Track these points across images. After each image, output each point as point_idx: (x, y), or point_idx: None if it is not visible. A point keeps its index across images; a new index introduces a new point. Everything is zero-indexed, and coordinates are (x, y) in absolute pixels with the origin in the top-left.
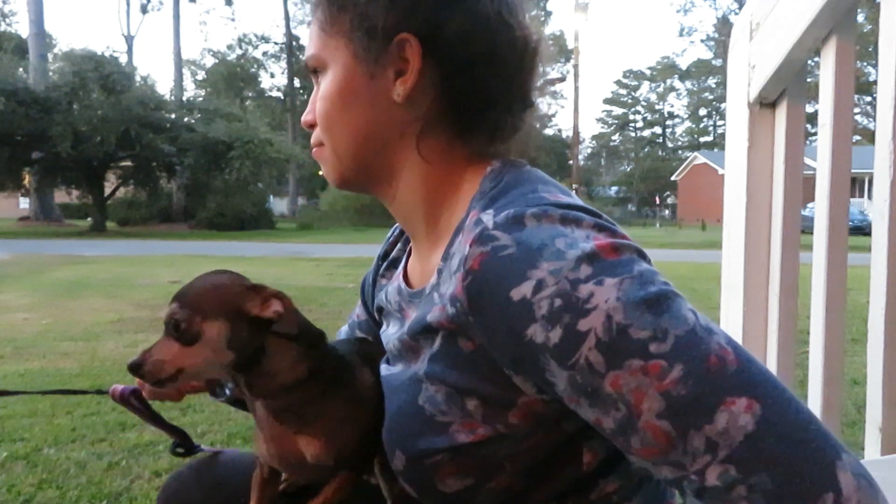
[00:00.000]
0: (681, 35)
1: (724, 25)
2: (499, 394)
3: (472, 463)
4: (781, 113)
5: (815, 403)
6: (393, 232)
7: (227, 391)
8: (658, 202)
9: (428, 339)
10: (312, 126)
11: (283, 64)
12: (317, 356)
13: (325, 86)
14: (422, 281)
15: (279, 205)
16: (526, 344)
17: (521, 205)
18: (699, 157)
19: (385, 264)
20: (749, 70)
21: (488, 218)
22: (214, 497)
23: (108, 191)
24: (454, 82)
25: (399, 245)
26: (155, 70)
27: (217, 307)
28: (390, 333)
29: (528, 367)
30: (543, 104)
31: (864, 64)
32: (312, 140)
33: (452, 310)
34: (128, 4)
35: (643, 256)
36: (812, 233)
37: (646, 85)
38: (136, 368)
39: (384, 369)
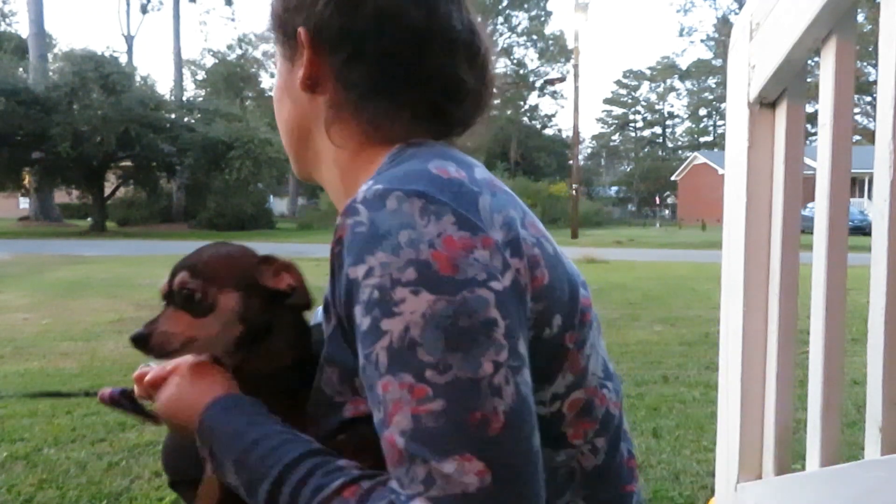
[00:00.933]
0: (681, 35)
1: (724, 25)
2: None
3: (367, 442)
4: (781, 113)
5: (815, 403)
6: None
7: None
8: (658, 202)
9: (328, 318)
10: None
11: None
12: (305, 350)
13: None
14: None
15: (279, 205)
16: (351, 320)
17: (395, 181)
18: (699, 157)
19: None
20: (749, 70)
21: (363, 189)
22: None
23: (108, 191)
24: (341, 65)
25: None
26: (155, 70)
27: (232, 278)
28: None
29: (351, 342)
30: (497, 98)
31: (864, 64)
32: None
33: (329, 279)
34: (128, 4)
35: (515, 248)
36: (812, 233)
37: (646, 85)
38: (141, 340)
39: None
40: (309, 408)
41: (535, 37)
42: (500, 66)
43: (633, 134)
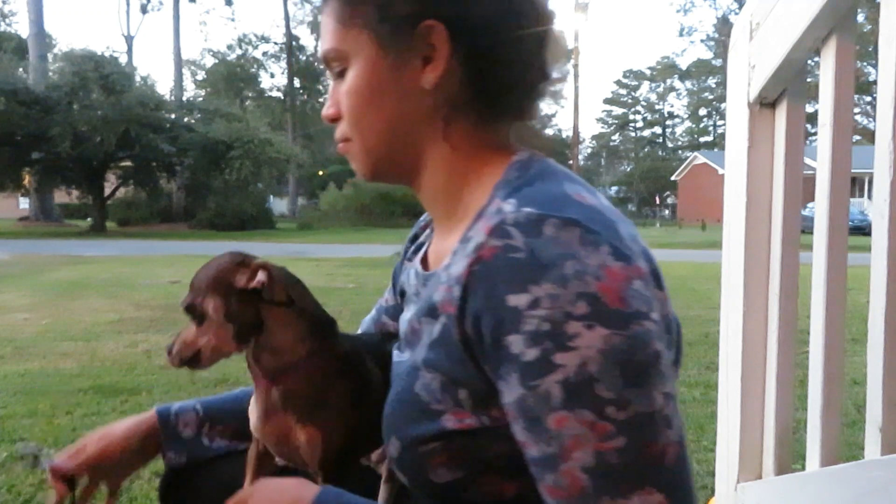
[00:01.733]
0: (681, 35)
1: (724, 25)
2: (483, 386)
3: (461, 454)
4: (781, 113)
5: (815, 403)
6: (426, 216)
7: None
8: (658, 202)
9: (429, 323)
10: (334, 120)
11: (283, 64)
12: (324, 341)
13: (350, 80)
14: (437, 263)
15: (279, 205)
16: (501, 347)
17: (546, 205)
18: (699, 157)
19: (412, 247)
20: (749, 70)
21: (510, 209)
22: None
23: (108, 191)
24: (480, 65)
25: (427, 230)
26: (155, 70)
27: (211, 285)
28: (405, 318)
29: (493, 367)
30: (545, 103)
31: (864, 64)
32: (338, 135)
33: (456, 290)
34: (128, 4)
35: (657, 278)
36: (812, 233)
37: (646, 85)
38: (168, 353)
39: (395, 356)
40: (392, 406)
41: None
42: None
43: (633, 134)
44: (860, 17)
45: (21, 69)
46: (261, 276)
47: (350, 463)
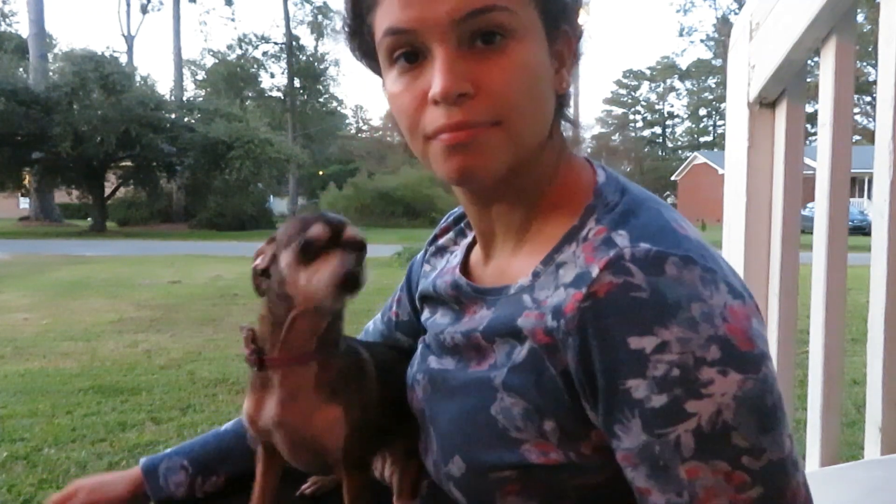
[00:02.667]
0: (681, 35)
1: (724, 25)
2: (574, 421)
3: (539, 486)
4: (781, 113)
5: (815, 403)
6: (447, 219)
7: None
8: None
9: (507, 344)
10: (465, 94)
11: (283, 64)
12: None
13: (521, 56)
14: (498, 279)
15: (279, 205)
16: (620, 391)
17: (661, 241)
18: (699, 157)
19: (432, 249)
20: (749, 70)
21: (623, 242)
22: None
23: (108, 191)
24: (576, 55)
25: (450, 234)
26: (155, 70)
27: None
28: (442, 323)
29: (606, 409)
30: None
31: (864, 64)
32: (475, 115)
33: (554, 323)
34: (128, 4)
35: (758, 315)
36: (812, 233)
37: (646, 85)
38: (355, 275)
39: (433, 360)
40: (459, 425)
41: None
42: None
43: (633, 134)
44: (860, 17)
45: (21, 69)
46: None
47: (372, 448)
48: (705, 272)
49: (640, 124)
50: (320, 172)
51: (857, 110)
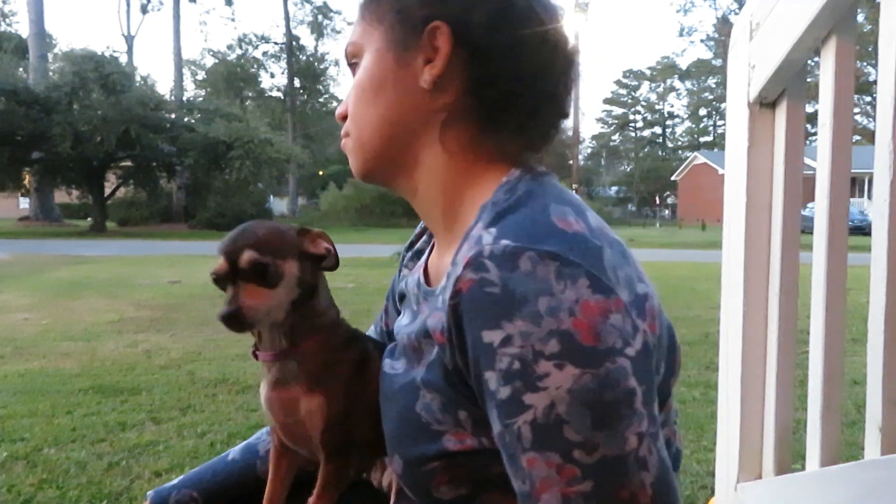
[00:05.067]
0: (681, 35)
1: (724, 25)
2: (480, 409)
3: (464, 473)
4: (781, 113)
5: (815, 403)
6: (422, 223)
7: None
8: (658, 202)
9: (428, 344)
10: (344, 118)
11: (283, 64)
12: (337, 310)
13: (358, 73)
14: (436, 280)
15: (279, 205)
16: (481, 382)
17: (525, 236)
18: (699, 157)
19: (409, 254)
20: (749, 70)
21: (488, 240)
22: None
23: (108, 191)
24: (479, 71)
25: (424, 237)
26: (155, 70)
27: (288, 248)
28: (402, 324)
29: (480, 399)
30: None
31: (864, 64)
32: (342, 131)
33: (444, 320)
34: (128, 4)
35: (639, 307)
36: (812, 233)
37: (646, 85)
38: (233, 317)
39: (387, 364)
40: (394, 423)
41: None
42: None
43: (633, 134)
44: (860, 17)
45: (21, 69)
46: (326, 243)
47: (352, 439)
48: (565, 266)
49: (640, 124)
50: (320, 172)
51: (857, 110)
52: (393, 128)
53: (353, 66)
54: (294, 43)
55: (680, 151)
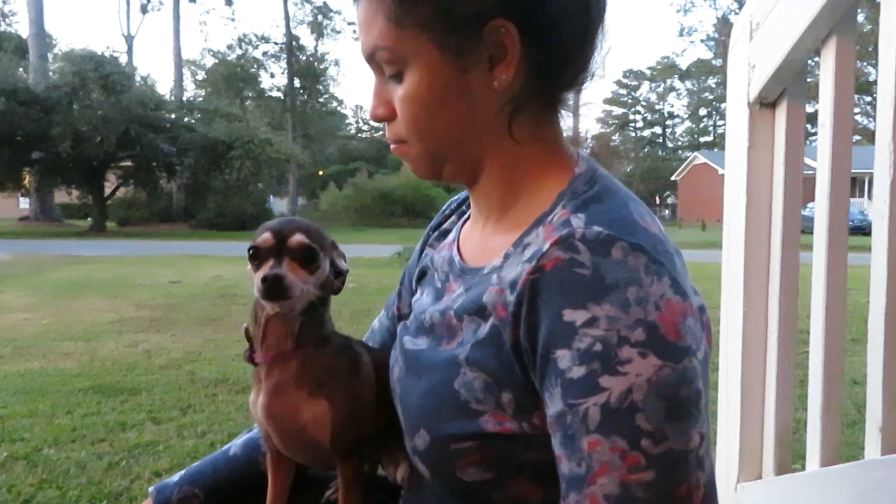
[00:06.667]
0: (681, 35)
1: (724, 25)
2: (527, 394)
3: (496, 457)
4: (781, 113)
5: (815, 403)
6: (449, 205)
7: None
8: (658, 202)
9: (474, 322)
10: (383, 119)
11: (283, 64)
12: (333, 326)
13: (411, 87)
14: (480, 260)
15: (279, 205)
16: (550, 360)
17: (617, 227)
18: (699, 157)
19: (436, 234)
20: (749, 70)
21: (578, 223)
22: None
23: (108, 191)
24: (547, 61)
25: (453, 218)
26: (155, 70)
27: (327, 249)
28: (425, 303)
29: (540, 376)
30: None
31: (864, 64)
32: (392, 136)
33: (511, 297)
34: (128, 4)
35: (704, 318)
36: (812, 233)
37: (646, 85)
38: (277, 278)
39: (408, 341)
40: (424, 399)
41: None
42: None
43: (633, 134)
44: (860, 17)
45: (21, 69)
46: (345, 263)
47: (361, 438)
48: (653, 263)
49: (640, 124)
50: (320, 172)
51: (857, 110)
52: (464, 134)
53: (375, 63)
54: (294, 43)
55: (680, 151)
